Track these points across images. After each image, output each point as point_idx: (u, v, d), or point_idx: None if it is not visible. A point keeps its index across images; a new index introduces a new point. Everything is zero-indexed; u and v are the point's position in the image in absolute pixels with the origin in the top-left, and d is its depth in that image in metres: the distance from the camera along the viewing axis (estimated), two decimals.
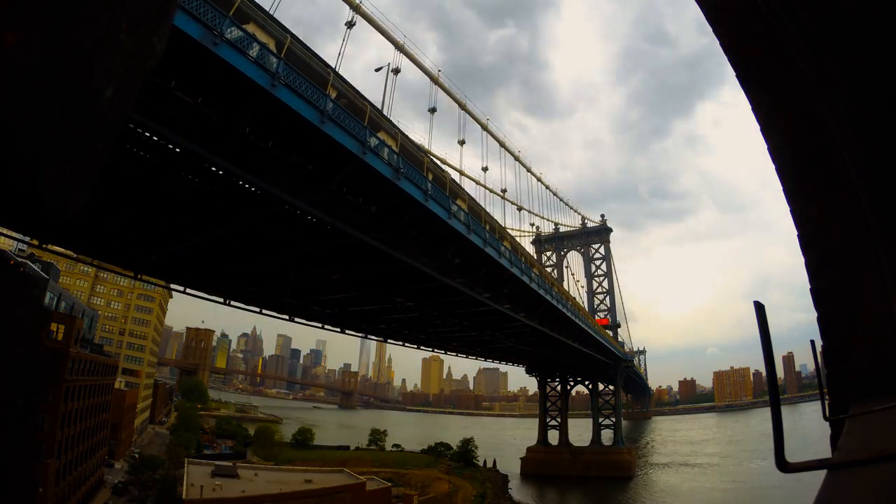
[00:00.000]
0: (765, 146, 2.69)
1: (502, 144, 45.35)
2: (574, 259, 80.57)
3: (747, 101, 2.77)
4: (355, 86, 19.06)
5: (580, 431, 67.43)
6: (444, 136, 38.87)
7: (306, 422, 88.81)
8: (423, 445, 69.12)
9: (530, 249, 68.50)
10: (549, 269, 68.37)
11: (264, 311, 30.92)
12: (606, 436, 62.70)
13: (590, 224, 79.87)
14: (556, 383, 69.16)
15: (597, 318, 69.86)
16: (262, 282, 27.26)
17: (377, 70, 29.06)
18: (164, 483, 37.72)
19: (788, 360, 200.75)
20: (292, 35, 16.17)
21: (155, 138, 15.24)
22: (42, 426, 28.42)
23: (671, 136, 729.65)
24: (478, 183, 42.22)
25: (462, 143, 37.32)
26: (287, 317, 31.74)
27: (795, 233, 2.76)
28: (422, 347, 45.83)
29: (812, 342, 2.84)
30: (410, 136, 22.37)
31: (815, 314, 2.67)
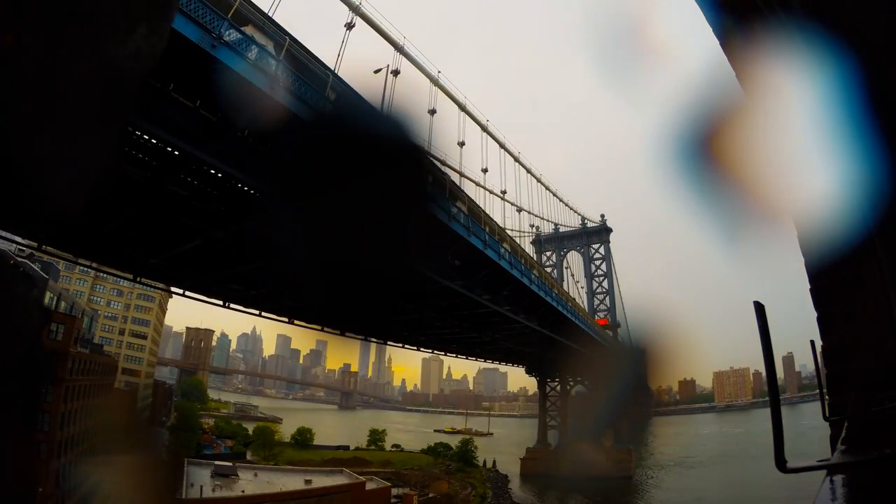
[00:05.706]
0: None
1: (502, 146, 45.34)
2: (574, 259, 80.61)
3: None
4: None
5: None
6: (443, 136, 38.82)
7: (306, 422, 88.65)
8: (423, 445, 69.08)
9: (530, 250, 68.48)
10: (548, 270, 68.27)
11: (264, 314, 30.86)
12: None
13: (590, 224, 79.98)
14: (556, 383, 69.16)
15: (597, 318, 69.87)
16: (262, 284, 27.20)
17: (376, 72, 29.00)
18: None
19: (788, 360, 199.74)
20: (291, 37, 16.16)
21: (153, 141, 15.24)
22: (42, 426, 28.39)
23: None
24: (477, 184, 42.15)
25: (462, 144, 37.32)
26: (287, 319, 31.70)
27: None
28: (421, 349, 45.81)
29: (812, 342, 2.84)
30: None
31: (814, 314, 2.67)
